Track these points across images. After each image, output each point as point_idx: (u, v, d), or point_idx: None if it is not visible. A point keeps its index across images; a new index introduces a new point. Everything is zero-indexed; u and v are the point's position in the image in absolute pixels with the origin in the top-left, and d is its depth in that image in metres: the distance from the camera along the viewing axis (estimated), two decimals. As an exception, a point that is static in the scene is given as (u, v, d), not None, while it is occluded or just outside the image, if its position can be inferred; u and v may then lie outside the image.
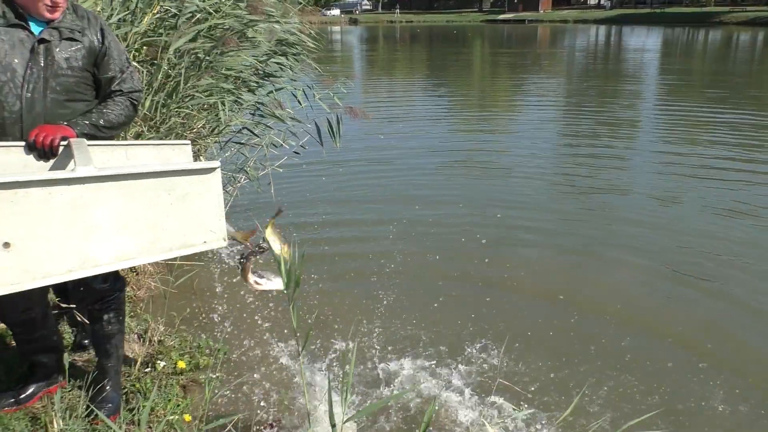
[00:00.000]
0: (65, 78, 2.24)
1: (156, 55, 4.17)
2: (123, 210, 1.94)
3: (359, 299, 4.36)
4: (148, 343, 3.40)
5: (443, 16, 76.72)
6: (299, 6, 6.18)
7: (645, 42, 35.81)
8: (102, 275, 2.31)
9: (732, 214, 6.17)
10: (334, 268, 4.87)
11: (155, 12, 4.21)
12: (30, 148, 2.06)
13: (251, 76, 5.07)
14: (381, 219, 6.12)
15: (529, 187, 7.27)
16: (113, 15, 3.92)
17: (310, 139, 5.70)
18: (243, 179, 5.49)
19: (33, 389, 2.66)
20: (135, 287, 4.14)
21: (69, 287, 2.48)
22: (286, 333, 3.80)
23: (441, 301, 4.34)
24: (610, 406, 3.14)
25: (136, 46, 4.11)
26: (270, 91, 5.32)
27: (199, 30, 4.35)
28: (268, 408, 3.07)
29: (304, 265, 1.91)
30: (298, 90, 5.40)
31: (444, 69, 23.77)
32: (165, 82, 4.23)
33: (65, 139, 2.09)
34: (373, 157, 8.72)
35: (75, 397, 2.68)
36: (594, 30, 50.46)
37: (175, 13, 4.33)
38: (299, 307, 3.86)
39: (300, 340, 2.12)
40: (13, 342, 3.03)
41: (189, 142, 2.47)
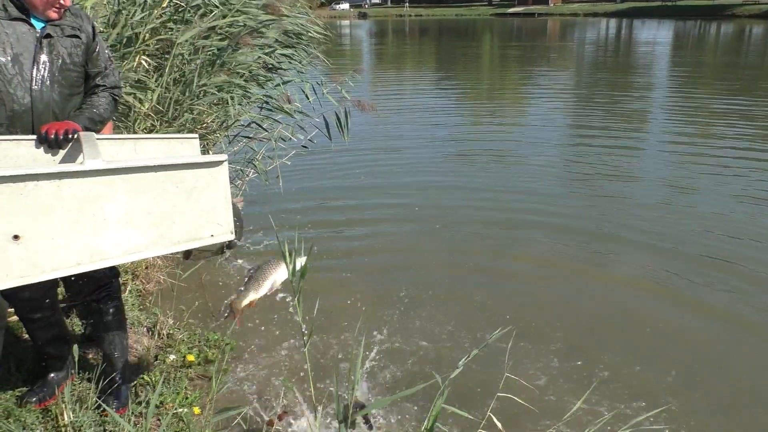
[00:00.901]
0: (69, 73, 2.30)
1: (166, 49, 4.18)
2: (131, 203, 1.94)
3: (367, 291, 4.37)
4: (157, 337, 3.42)
5: (453, 9, 76.39)
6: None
7: (656, 35, 35.50)
8: None
9: (747, 201, 6.21)
10: (341, 259, 4.88)
11: (164, 5, 4.22)
12: (41, 140, 2.08)
13: (259, 69, 5.07)
14: (389, 210, 6.14)
15: (540, 178, 7.27)
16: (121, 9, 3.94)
17: (318, 133, 5.69)
18: (251, 173, 5.50)
19: (52, 384, 2.68)
20: (144, 281, 4.16)
21: (68, 279, 2.49)
22: (293, 325, 3.81)
23: (449, 293, 4.33)
24: (619, 401, 3.13)
25: (146, 38, 4.12)
26: (278, 84, 5.31)
27: (213, 26, 4.35)
28: (275, 401, 3.08)
29: (310, 259, 1.91)
30: (306, 83, 5.40)
31: (453, 62, 23.68)
32: (178, 78, 4.24)
33: (75, 132, 2.11)
34: (382, 149, 8.72)
35: (85, 389, 2.69)
36: (604, 23, 50.09)
37: (184, 7, 4.33)
38: (306, 299, 3.86)
39: (304, 333, 2.12)
40: (25, 335, 3.06)
41: (197, 135, 2.47)
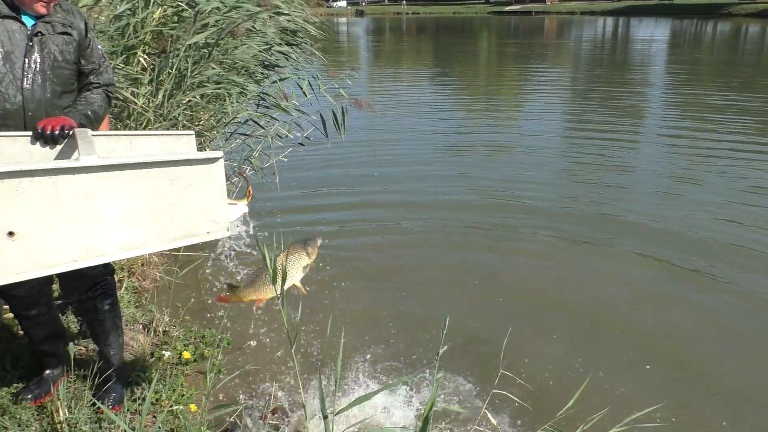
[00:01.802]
0: (61, 70, 2.28)
1: (165, 48, 4.18)
2: (127, 199, 1.94)
3: (362, 287, 4.37)
4: (153, 334, 3.42)
5: (450, 7, 76.38)
6: None
7: (653, 33, 35.56)
8: None
9: (745, 191, 6.33)
10: (335, 258, 4.87)
11: (166, 6, 4.23)
12: (36, 137, 2.08)
13: (256, 66, 5.06)
14: (386, 204, 6.16)
15: (537, 171, 7.34)
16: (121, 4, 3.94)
17: (315, 130, 5.69)
18: (248, 170, 5.49)
19: (48, 382, 2.67)
20: (140, 278, 4.16)
21: (63, 277, 2.48)
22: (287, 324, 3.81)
23: (443, 290, 4.34)
24: (612, 398, 3.13)
25: (146, 38, 4.12)
26: (274, 81, 5.31)
27: (207, 23, 4.35)
28: (270, 398, 3.08)
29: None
30: (303, 80, 5.39)
31: (451, 60, 23.68)
32: (170, 72, 4.24)
33: (71, 129, 2.11)
34: (378, 145, 8.74)
35: (80, 387, 2.69)
36: (601, 21, 50.16)
37: (185, 8, 4.34)
38: (296, 299, 3.87)
39: (290, 335, 2.12)
40: (20, 332, 3.05)
41: (193, 132, 2.47)
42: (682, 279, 4.56)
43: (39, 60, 2.20)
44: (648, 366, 3.49)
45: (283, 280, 2.06)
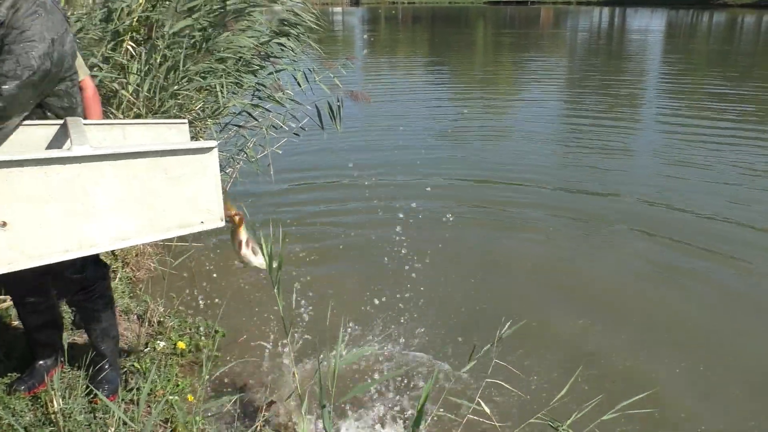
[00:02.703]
0: None
1: (151, 33, 4.14)
2: (119, 189, 1.93)
3: (355, 279, 4.38)
4: (147, 324, 3.41)
5: (446, -3, 76.07)
6: None
7: (649, 24, 35.54)
8: (77, 264, 2.31)
9: (742, 177, 6.46)
10: (331, 247, 4.88)
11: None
12: None
13: (252, 57, 5.03)
14: (382, 192, 6.16)
15: (534, 160, 7.40)
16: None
17: (310, 121, 5.67)
18: (242, 161, 5.47)
19: (41, 372, 2.66)
20: (135, 268, 4.15)
21: (55, 275, 2.45)
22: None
23: (437, 280, 4.34)
24: (604, 386, 3.15)
25: (133, 24, 4.08)
26: (270, 72, 5.28)
27: (193, 7, 4.29)
28: (266, 388, 3.08)
29: (285, 247, 1.91)
30: (298, 71, 5.36)
31: (447, 49, 23.60)
32: (162, 62, 4.20)
33: None
34: (374, 133, 8.76)
35: (74, 377, 2.69)
36: (597, 12, 50.11)
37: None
38: (292, 287, 3.87)
39: (286, 322, 2.12)
40: (14, 322, 3.05)
41: (186, 120, 2.45)
42: (679, 264, 4.59)
43: None
44: (642, 353, 3.50)
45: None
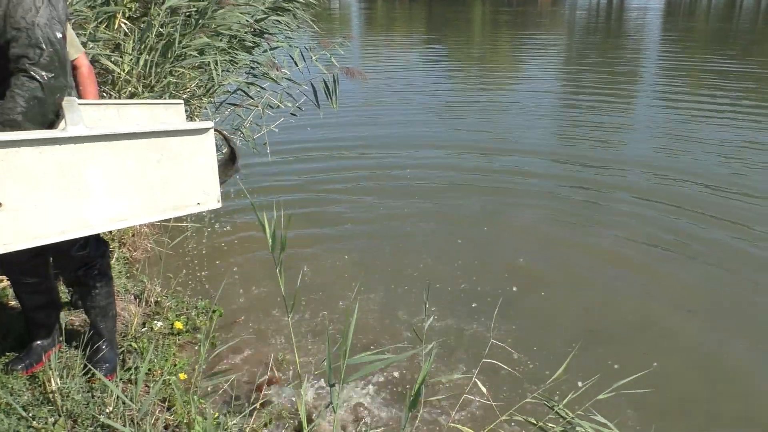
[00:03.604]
0: None
1: (146, 11, 4.08)
2: (115, 170, 1.92)
3: (353, 259, 4.38)
4: (144, 304, 3.41)
5: (443, -27, 75.18)
6: None
7: (648, 2, 35.27)
8: (80, 242, 2.33)
9: (741, 150, 6.57)
10: (329, 227, 4.88)
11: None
12: None
13: (246, 34, 4.97)
14: (379, 174, 6.17)
15: (534, 133, 7.44)
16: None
17: (307, 100, 5.64)
18: (239, 140, 5.44)
19: (38, 351, 2.66)
20: (131, 248, 4.14)
21: (51, 255, 2.45)
22: (280, 293, 3.82)
23: (434, 260, 4.35)
24: (599, 366, 3.17)
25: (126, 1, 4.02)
26: (265, 50, 5.23)
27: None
28: (263, 368, 3.10)
29: (290, 228, 1.91)
30: (294, 49, 5.31)
31: (444, 28, 23.39)
32: (157, 40, 4.15)
33: None
34: (371, 113, 8.74)
35: (72, 357, 2.70)
36: (596, -11, 49.69)
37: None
38: (293, 268, 3.87)
39: (287, 301, 2.13)
40: (11, 302, 3.05)
41: (182, 101, 2.43)
42: (677, 243, 4.59)
43: None
44: (639, 333, 3.52)
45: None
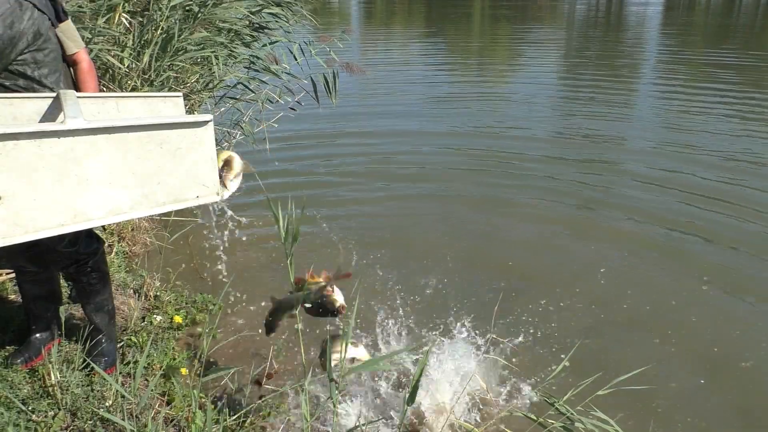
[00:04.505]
0: None
1: (146, 6, 4.07)
2: (114, 163, 1.91)
3: (356, 253, 4.37)
4: (144, 298, 3.41)
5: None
6: None
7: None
8: (69, 238, 2.31)
9: (741, 140, 6.64)
10: (333, 221, 4.86)
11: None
12: None
13: (245, 28, 4.96)
14: (379, 167, 6.18)
15: (530, 129, 7.40)
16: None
17: (306, 95, 5.62)
18: (238, 135, 5.42)
19: (37, 345, 2.66)
20: (131, 243, 4.14)
21: (42, 250, 2.43)
22: (282, 287, 3.80)
23: (435, 256, 4.34)
24: (599, 364, 3.15)
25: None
26: (264, 45, 5.21)
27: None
28: (264, 362, 3.09)
29: (301, 222, 1.90)
30: (294, 44, 5.29)
31: (444, 22, 23.35)
32: (156, 34, 4.14)
33: None
34: (371, 107, 8.74)
35: (72, 350, 2.69)
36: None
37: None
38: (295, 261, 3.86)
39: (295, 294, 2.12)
40: (11, 296, 3.04)
41: (181, 94, 2.42)
42: (679, 237, 4.60)
43: None
44: (641, 330, 3.52)
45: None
